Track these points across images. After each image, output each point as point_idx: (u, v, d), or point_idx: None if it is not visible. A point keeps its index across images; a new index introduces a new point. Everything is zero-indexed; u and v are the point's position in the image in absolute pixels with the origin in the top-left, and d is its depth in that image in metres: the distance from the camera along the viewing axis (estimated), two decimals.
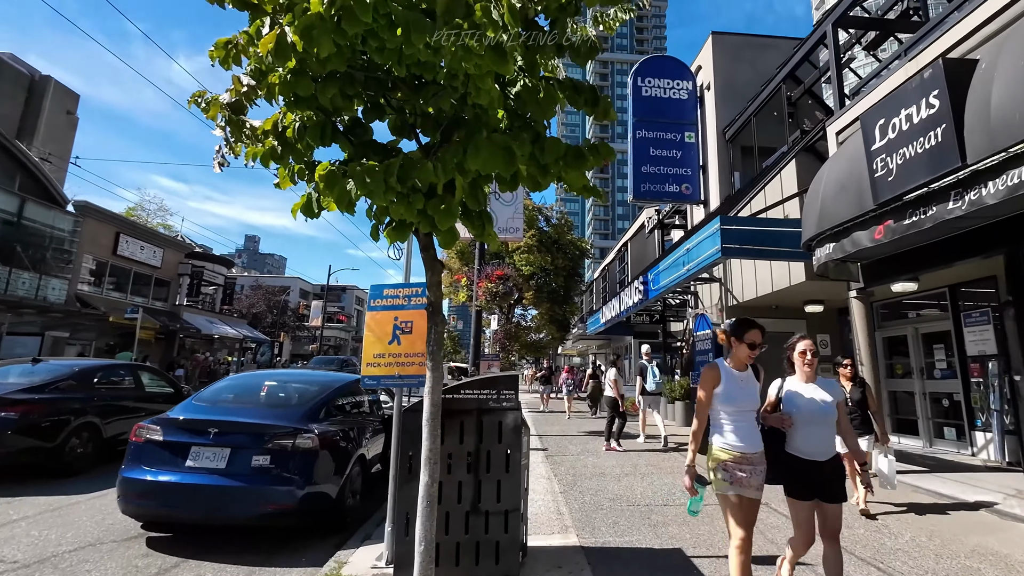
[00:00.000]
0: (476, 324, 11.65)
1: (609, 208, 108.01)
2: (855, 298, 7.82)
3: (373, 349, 4.38)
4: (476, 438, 3.72)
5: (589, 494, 6.15)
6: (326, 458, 4.75)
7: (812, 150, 9.61)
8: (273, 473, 4.45)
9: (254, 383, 5.62)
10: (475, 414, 3.76)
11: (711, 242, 8.24)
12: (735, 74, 13.50)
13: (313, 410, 4.97)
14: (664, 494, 6.19)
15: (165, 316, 27.75)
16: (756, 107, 11.54)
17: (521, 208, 12.64)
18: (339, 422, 5.20)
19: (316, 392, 5.29)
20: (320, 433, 4.74)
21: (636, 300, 13.06)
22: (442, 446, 3.69)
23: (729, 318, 11.99)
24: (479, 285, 11.02)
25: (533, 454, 8.85)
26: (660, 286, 11.17)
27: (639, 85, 14.02)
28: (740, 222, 8.17)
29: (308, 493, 4.52)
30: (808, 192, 6.93)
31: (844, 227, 5.90)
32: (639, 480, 6.94)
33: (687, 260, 9.39)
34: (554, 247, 23.96)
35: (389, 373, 4.31)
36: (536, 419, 14.97)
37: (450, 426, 3.71)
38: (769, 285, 10.12)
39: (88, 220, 23.83)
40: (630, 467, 7.83)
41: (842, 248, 6.02)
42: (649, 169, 13.49)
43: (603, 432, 11.40)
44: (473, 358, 11.52)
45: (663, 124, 13.82)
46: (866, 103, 7.75)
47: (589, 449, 9.47)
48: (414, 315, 4.37)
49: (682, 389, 13.80)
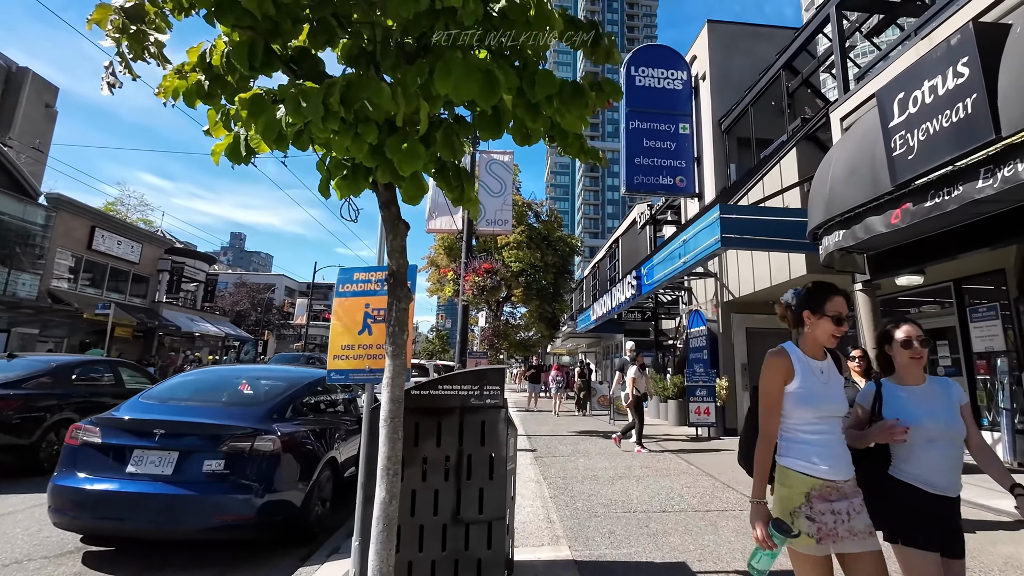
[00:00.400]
0: (463, 319, 11.16)
1: (599, 207, 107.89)
2: (861, 291, 7.45)
3: (341, 340, 3.89)
4: (456, 440, 3.24)
5: (581, 499, 5.70)
6: (290, 462, 4.25)
7: (813, 139, 9.24)
8: (228, 480, 3.93)
9: (213, 379, 5.11)
10: (456, 413, 3.28)
11: (710, 232, 7.83)
12: (731, 64, 13.13)
13: (277, 408, 4.46)
14: (662, 499, 5.75)
15: (143, 313, 26.93)
16: (754, 96, 11.16)
17: (510, 199, 12.18)
18: (308, 422, 4.69)
19: (282, 389, 4.77)
20: (284, 434, 4.24)
21: (628, 296, 12.65)
22: (416, 449, 3.22)
23: (725, 314, 11.62)
24: (466, 279, 10.53)
25: (521, 455, 8.40)
26: (654, 280, 10.76)
27: (632, 74, 13.61)
28: (741, 211, 7.77)
29: (269, 502, 4.02)
30: (814, 178, 6.54)
31: (856, 212, 5.50)
32: (634, 484, 6.50)
33: (683, 252, 8.98)
34: (544, 243, 23.53)
35: (358, 367, 3.82)
36: (525, 418, 14.52)
37: (426, 427, 3.24)
38: (767, 279, 9.74)
39: (62, 213, 22.99)
40: (624, 469, 7.39)
41: (853, 235, 5.61)
42: (642, 161, 13.08)
43: (594, 432, 11.00)
44: (459, 355, 11.03)
45: (657, 115, 13.42)
46: (875, 85, 7.37)
47: (580, 450, 9.03)
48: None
49: (675, 387, 13.41)
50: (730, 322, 11.58)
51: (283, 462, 4.16)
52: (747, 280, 10.61)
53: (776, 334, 12.78)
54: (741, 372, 11.35)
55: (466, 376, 3.35)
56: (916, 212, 4.74)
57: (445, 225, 11.73)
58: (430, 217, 11.73)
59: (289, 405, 4.58)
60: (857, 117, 7.74)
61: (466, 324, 11.13)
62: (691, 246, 8.67)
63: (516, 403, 21.61)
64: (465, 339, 11.16)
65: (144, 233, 29.25)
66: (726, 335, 11.52)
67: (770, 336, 12.56)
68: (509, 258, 22.08)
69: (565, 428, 12.28)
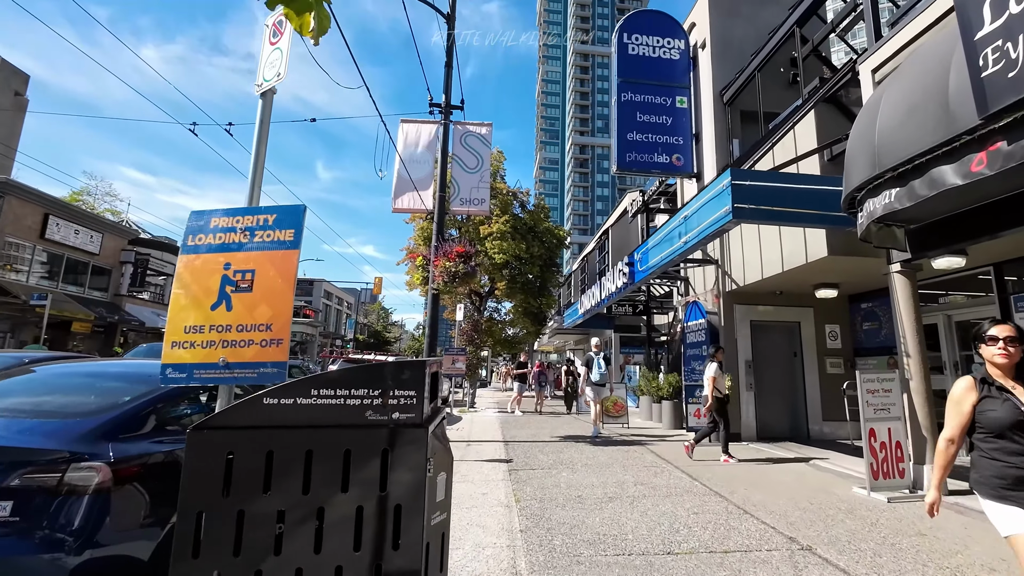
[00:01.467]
0: (432, 310, 9.82)
1: (589, 203, 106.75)
2: (899, 273, 6.23)
3: (185, 317, 2.55)
4: (337, 481, 1.92)
5: (561, 534, 4.40)
6: (131, 499, 2.90)
7: (834, 101, 8.01)
8: (19, 531, 2.59)
9: (36, 379, 3.72)
10: (339, 435, 1.97)
11: (717, 203, 6.57)
12: (733, 31, 11.90)
13: (115, 422, 3.08)
14: (664, 533, 4.47)
15: (103, 307, 25.24)
16: (762, 60, 9.92)
17: (488, 176, 10.86)
18: (167, 441, 3.32)
19: (134, 392, 3.39)
20: (121, 459, 2.89)
21: (620, 285, 11.38)
22: (264, 499, 1.92)
23: (727, 305, 10.39)
24: (435, 263, 9.19)
25: (493, 468, 7.08)
26: (648, 266, 9.50)
27: (625, 42, 12.32)
28: (756, 176, 6.50)
29: (91, 561, 2.68)
30: (853, 132, 5.29)
31: (917, 163, 4.24)
32: (628, 508, 5.22)
33: (684, 231, 7.71)
34: (529, 234, 22.20)
35: (208, 360, 2.50)
36: (505, 420, 13.22)
37: (283, 460, 1.91)
38: (779, 264, 8.51)
39: (10, 199, 21.29)
40: (615, 487, 6.11)
41: (910, 193, 4.35)
42: (635, 137, 11.81)
43: (580, 438, 9.80)
44: (428, 350, 9.70)
45: (652, 86, 12.15)
46: (916, 27, 6.14)
47: (563, 460, 7.74)
48: (261, 260, 2.55)
49: (670, 387, 12.19)
50: (733, 314, 10.36)
51: (118, 500, 2.82)
52: (754, 266, 9.37)
53: (784, 327, 11.61)
54: (746, 370, 10.14)
55: (359, 375, 2.02)
56: (1014, 152, 3.49)
57: (413, 204, 10.38)
58: (396, 195, 10.38)
59: (137, 417, 3.20)
60: (891, 70, 6.52)
61: (435, 315, 9.78)
62: (693, 223, 7.41)
63: (498, 403, 20.32)
64: (435, 332, 9.82)
65: (105, 222, 27.47)
66: (728, 329, 10.30)
67: (777, 330, 11.43)
68: (492, 249, 20.74)
69: (548, 432, 10.99)
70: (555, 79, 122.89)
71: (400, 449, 1.96)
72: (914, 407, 6.01)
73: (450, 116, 10.82)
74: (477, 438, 10.00)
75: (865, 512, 5.19)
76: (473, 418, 14.11)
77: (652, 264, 9.30)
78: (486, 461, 7.64)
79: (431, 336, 9.67)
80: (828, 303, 10.38)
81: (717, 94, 11.43)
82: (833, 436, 10.16)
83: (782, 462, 7.84)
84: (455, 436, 10.20)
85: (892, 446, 5.90)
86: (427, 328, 9.75)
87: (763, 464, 7.67)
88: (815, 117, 7.85)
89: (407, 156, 10.50)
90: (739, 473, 6.97)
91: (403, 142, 10.58)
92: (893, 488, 5.83)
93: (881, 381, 6.06)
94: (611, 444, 9.42)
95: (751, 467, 7.44)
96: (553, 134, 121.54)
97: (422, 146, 10.59)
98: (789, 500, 5.59)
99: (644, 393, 13.88)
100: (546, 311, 24.05)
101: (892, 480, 5.85)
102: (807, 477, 6.79)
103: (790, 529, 4.61)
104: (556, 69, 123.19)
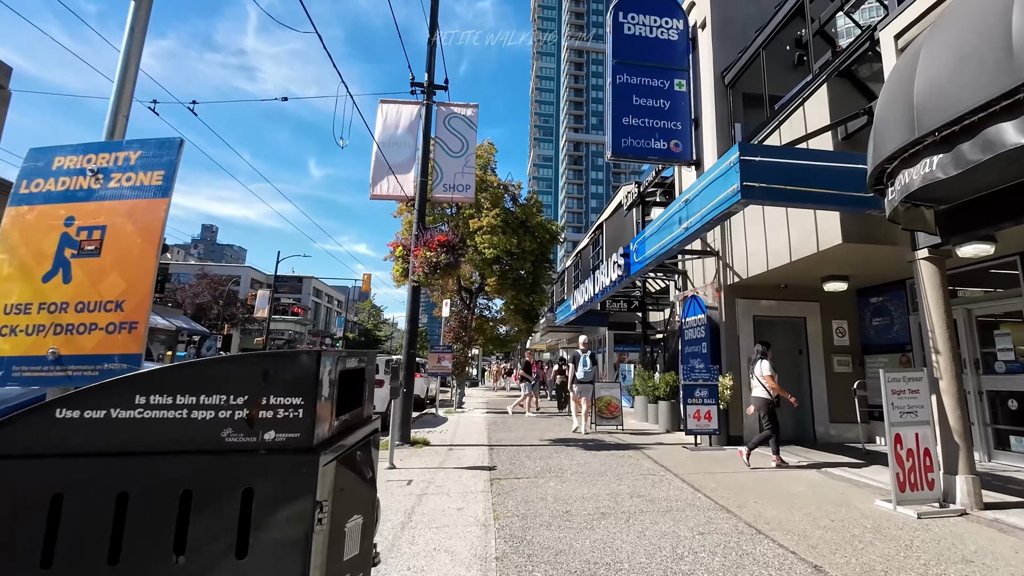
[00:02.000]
0: (411, 304, 9.10)
1: (583, 201, 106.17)
2: (926, 259, 5.57)
3: (7, 292, 1.82)
4: (168, 543, 1.21)
5: (544, 562, 3.70)
6: None
7: (847, 75, 7.36)
8: None
9: None
10: (172, 467, 1.26)
11: (724, 182, 5.89)
12: (735, 9, 11.24)
13: None
14: (666, 560, 3.78)
15: None
16: (767, 36, 9.26)
17: (473, 161, 10.15)
18: None
19: None
20: None
21: (615, 278, 10.71)
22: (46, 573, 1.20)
23: (729, 299, 9.74)
24: (415, 253, 8.48)
25: (473, 476, 6.38)
26: (645, 256, 8.83)
27: (620, 21, 11.64)
28: (767, 152, 5.83)
29: None
30: (883, 95, 4.62)
31: (967, 122, 3.57)
32: (623, 526, 4.53)
33: (685, 216, 7.04)
34: (521, 229, 21.47)
35: (33, 352, 1.77)
36: (493, 423, 12.52)
37: (79, 510, 1.21)
38: (786, 254, 7.85)
39: None
40: (608, 498, 5.43)
41: (957, 159, 3.68)
42: (631, 121, 11.13)
43: (572, 442, 9.17)
44: (407, 346, 8.99)
45: (649, 68, 11.47)
46: None
47: (552, 467, 7.06)
48: (116, 213, 1.82)
49: (667, 386, 11.53)
50: (735, 309, 9.71)
51: None
52: (758, 257, 8.71)
53: (789, 323, 10.94)
54: (748, 369, 9.47)
55: (213, 372, 1.32)
56: None
57: (392, 190, 9.65)
58: (374, 181, 9.65)
59: None
60: (917, 33, 5.86)
61: (415, 309, 9.06)
62: (696, 206, 6.73)
63: (491, 403, 19.63)
64: (415, 327, 9.11)
65: None
66: (730, 324, 9.65)
67: (782, 326, 10.79)
68: (483, 244, 20.00)
69: (538, 435, 10.30)
70: (549, 75, 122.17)
71: (272, 489, 1.25)
72: (944, 410, 5.36)
73: (433, 96, 10.10)
74: (460, 442, 9.30)
75: (895, 531, 4.53)
76: (459, 419, 13.42)
77: (649, 254, 8.63)
78: (467, 468, 6.94)
79: (411, 332, 8.96)
80: (835, 297, 9.75)
81: (718, 75, 10.77)
82: (841, 439, 9.54)
83: (792, 468, 7.18)
84: (436, 440, 9.49)
85: (920, 454, 5.25)
86: (407, 323, 9.03)
87: (771, 471, 7.01)
88: (828, 91, 7.19)
89: (387, 138, 9.76)
90: (746, 482, 6.31)
91: (382, 123, 9.84)
92: (922, 501, 5.17)
93: (907, 381, 5.40)
94: (604, 448, 8.75)
95: (759, 475, 6.78)
96: (547, 131, 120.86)
97: (403, 128, 9.86)
98: (806, 516, 4.92)
99: (639, 393, 13.22)
100: (538, 308, 23.37)
101: (920, 492, 5.19)
102: (822, 487, 6.13)
103: (813, 554, 3.93)
104: (550, 66, 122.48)
